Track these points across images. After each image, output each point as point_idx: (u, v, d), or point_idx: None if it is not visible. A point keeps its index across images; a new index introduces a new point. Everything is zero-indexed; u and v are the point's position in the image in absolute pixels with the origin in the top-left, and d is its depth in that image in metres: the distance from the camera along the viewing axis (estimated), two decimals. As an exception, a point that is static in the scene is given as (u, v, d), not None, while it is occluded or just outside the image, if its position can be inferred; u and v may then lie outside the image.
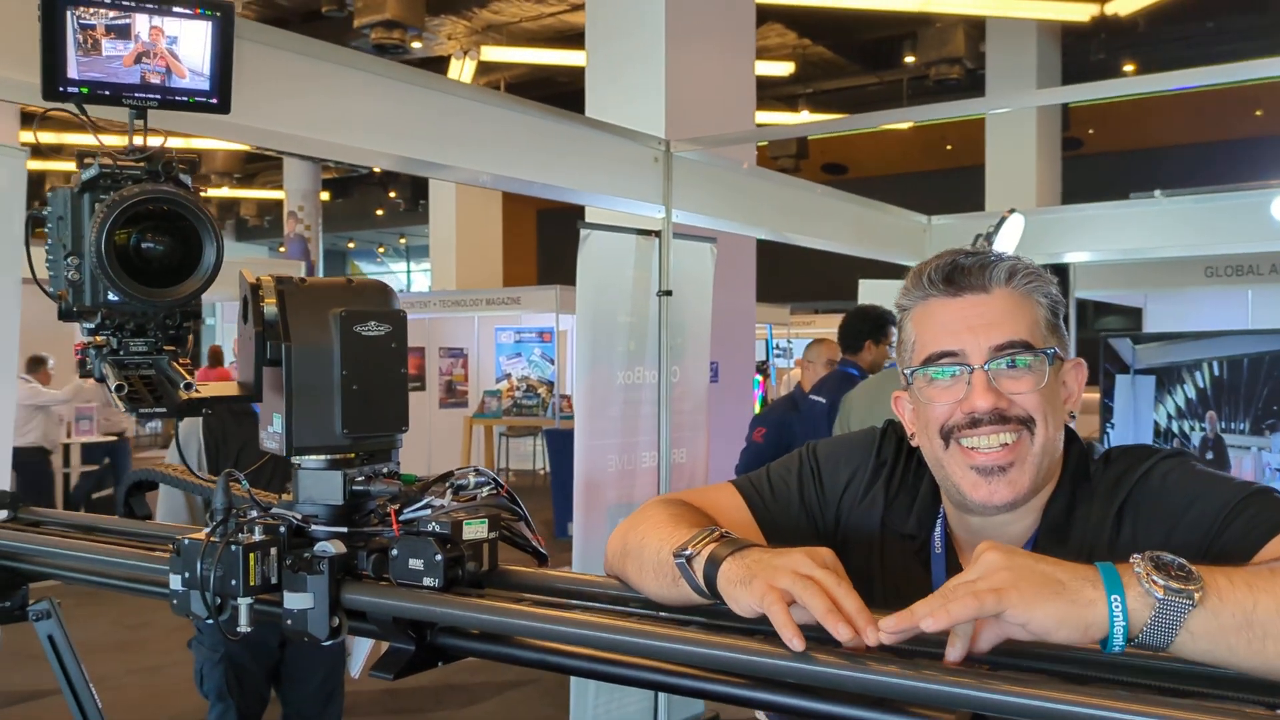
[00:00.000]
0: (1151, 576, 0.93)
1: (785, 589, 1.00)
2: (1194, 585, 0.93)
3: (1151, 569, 0.94)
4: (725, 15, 6.52)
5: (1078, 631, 0.92)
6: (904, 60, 15.08)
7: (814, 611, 0.97)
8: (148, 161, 1.28)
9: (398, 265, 32.25)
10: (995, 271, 1.31)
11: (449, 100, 3.78)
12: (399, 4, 11.53)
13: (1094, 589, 0.93)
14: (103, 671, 5.82)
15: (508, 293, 13.35)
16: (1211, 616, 0.92)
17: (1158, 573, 0.93)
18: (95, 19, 1.23)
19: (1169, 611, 0.92)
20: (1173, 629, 0.92)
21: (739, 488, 1.46)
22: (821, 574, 1.01)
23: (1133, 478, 1.29)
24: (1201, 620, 0.92)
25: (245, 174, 21.03)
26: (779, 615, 0.98)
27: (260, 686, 3.64)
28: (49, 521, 1.91)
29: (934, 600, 0.94)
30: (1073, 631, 0.92)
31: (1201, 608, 0.92)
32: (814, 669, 0.96)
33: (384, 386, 1.34)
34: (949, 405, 1.30)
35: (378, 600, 1.26)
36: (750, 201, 5.42)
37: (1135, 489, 1.28)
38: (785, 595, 0.99)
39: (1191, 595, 0.92)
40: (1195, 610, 0.92)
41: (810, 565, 1.02)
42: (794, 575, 1.01)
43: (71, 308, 1.31)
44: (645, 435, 4.61)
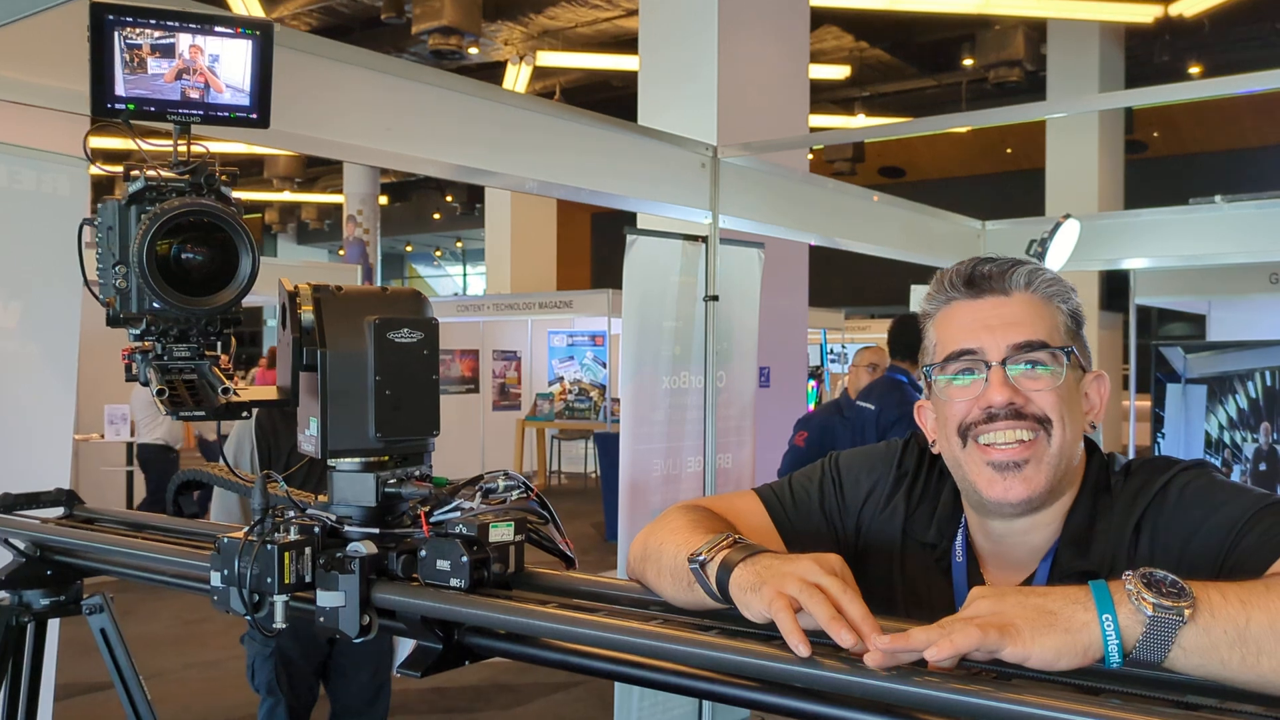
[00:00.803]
0: (1141, 594, 0.94)
1: (793, 595, 1.01)
2: (1184, 602, 0.94)
3: (1142, 587, 0.95)
4: (780, 19, 6.51)
5: (1077, 658, 0.94)
6: (962, 63, 14.93)
7: (818, 619, 0.99)
8: (191, 174, 1.33)
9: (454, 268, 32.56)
10: (1015, 276, 1.33)
11: (499, 108, 3.83)
12: (456, 11, 11.66)
13: (1085, 611, 0.95)
14: (161, 665, 5.96)
15: (561, 296, 13.42)
16: (1203, 633, 0.93)
17: (1148, 590, 0.94)
18: (141, 39, 1.28)
19: (1160, 628, 0.93)
20: (1165, 645, 0.93)
21: (761, 495, 1.48)
22: (828, 581, 1.03)
23: (1152, 490, 1.29)
24: (1193, 636, 0.93)
25: (306, 178, 21.39)
26: (786, 622, 1.00)
27: (309, 681, 3.72)
28: (102, 519, 1.98)
29: (934, 630, 0.95)
30: (1072, 659, 0.94)
31: (1192, 624, 0.93)
32: (822, 674, 0.98)
33: (416, 392, 1.38)
34: (967, 403, 1.32)
35: (406, 600, 1.30)
36: (799, 207, 5.41)
37: (1154, 501, 1.28)
38: (793, 602, 1.01)
39: (1181, 612, 0.93)
40: (1186, 626, 0.93)
41: (818, 572, 1.04)
42: (801, 582, 1.03)
43: (119, 314, 1.36)
44: (690, 440, 4.63)
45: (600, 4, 12.60)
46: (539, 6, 12.78)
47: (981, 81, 14.87)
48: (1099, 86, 13.99)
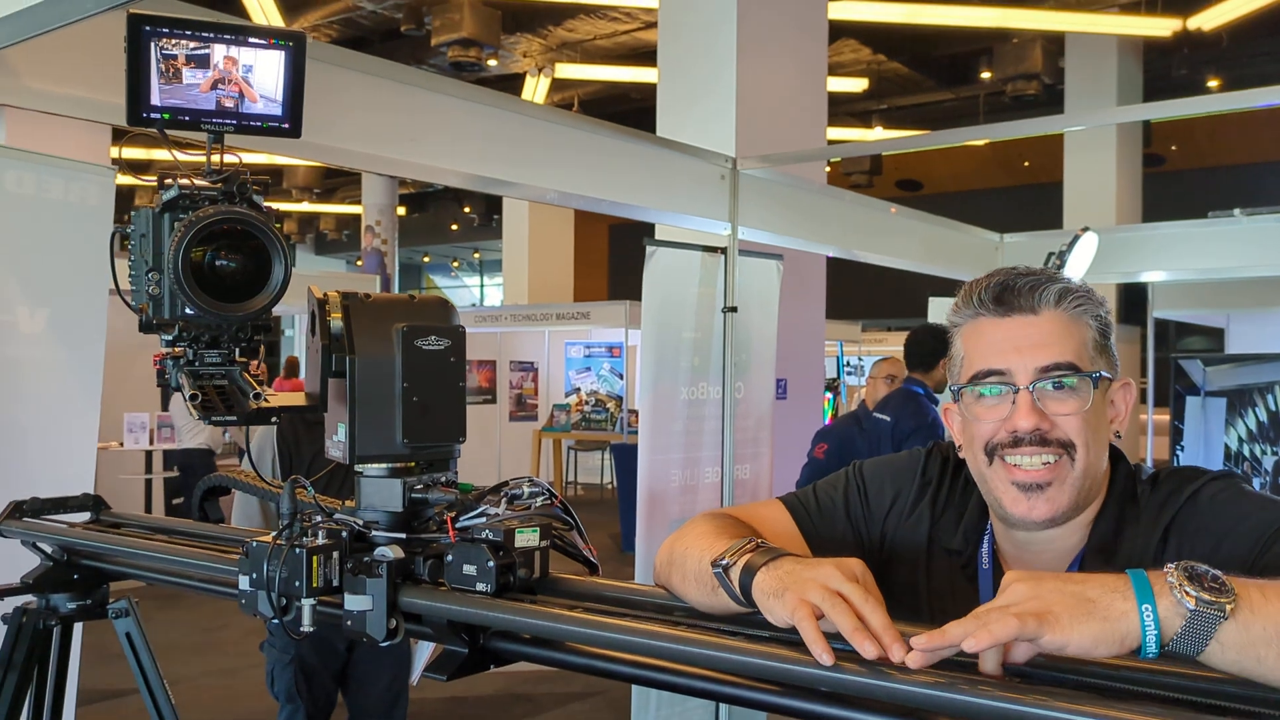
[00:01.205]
0: (1184, 587, 0.94)
1: (815, 603, 1.02)
2: (1226, 598, 0.94)
3: (1184, 579, 0.95)
4: (798, 32, 6.54)
5: (1114, 646, 0.94)
6: (980, 76, 14.92)
7: (841, 629, 1.00)
8: (224, 183, 1.35)
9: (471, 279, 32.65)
10: (1045, 293, 1.33)
11: (518, 119, 3.86)
12: (476, 23, 11.74)
13: (1124, 600, 0.95)
14: (180, 672, 5.99)
15: (578, 307, 13.45)
16: (1242, 629, 0.93)
17: (1190, 583, 0.94)
18: (177, 49, 1.31)
19: (1200, 622, 0.93)
20: (1204, 639, 0.93)
21: (786, 503, 1.49)
22: (850, 588, 1.03)
23: (1180, 499, 1.29)
24: (1232, 632, 0.93)
25: (325, 189, 21.51)
26: (809, 631, 1.01)
27: (328, 688, 3.73)
28: (128, 524, 2.00)
29: (970, 622, 0.95)
30: (1110, 647, 0.94)
31: (1232, 620, 0.93)
32: (845, 678, 0.99)
33: (443, 398, 1.40)
34: (994, 423, 1.32)
35: (433, 604, 1.32)
36: (817, 219, 5.43)
37: (1182, 510, 1.29)
38: (815, 609, 1.02)
39: (1223, 607, 0.93)
40: (1226, 622, 0.93)
41: (839, 578, 1.04)
42: (824, 589, 1.03)
43: (151, 320, 1.39)
44: (708, 450, 4.63)
45: (619, 17, 12.65)
46: (558, 19, 12.84)
47: (999, 94, 14.86)
48: (1117, 100, 13.95)
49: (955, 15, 11.84)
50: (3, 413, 2.73)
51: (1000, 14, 11.91)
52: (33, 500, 1.99)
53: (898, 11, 11.57)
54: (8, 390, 2.74)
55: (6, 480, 2.63)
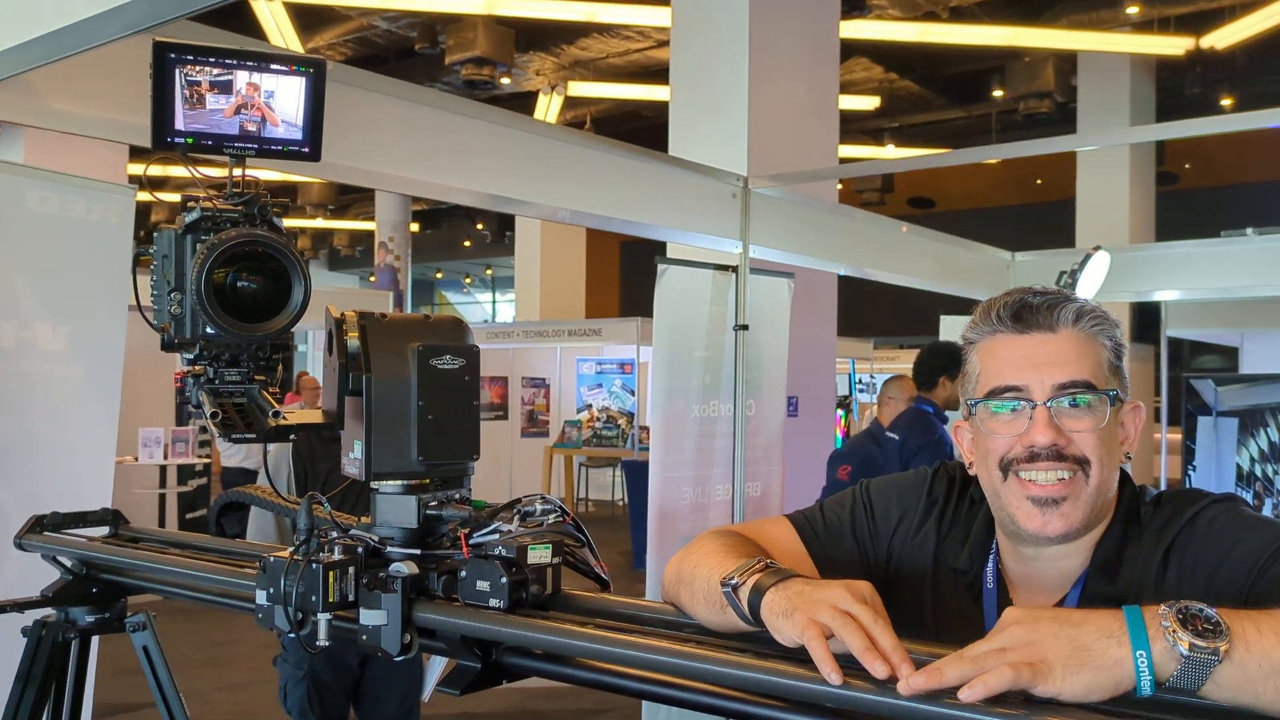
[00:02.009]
0: (1178, 632, 0.94)
1: (825, 623, 1.04)
2: (1220, 641, 0.94)
3: (1177, 625, 0.95)
4: (810, 51, 6.57)
5: (1108, 692, 0.95)
6: (992, 94, 14.93)
7: (852, 648, 1.01)
8: (245, 205, 1.38)
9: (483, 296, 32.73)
10: (1063, 312, 1.35)
11: (531, 138, 3.90)
12: (489, 41, 11.82)
13: (1119, 647, 0.95)
14: (191, 687, 6.01)
15: (589, 324, 13.48)
16: (1238, 669, 0.94)
17: (1183, 629, 0.95)
18: (201, 75, 1.34)
19: (1195, 666, 0.94)
20: (1199, 681, 0.94)
21: (793, 521, 1.51)
22: (859, 610, 1.05)
23: (1180, 521, 1.31)
24: (1228, 672, 0.94)
25: (339, 205, 21.62)
26: (818, 650, 1.02)
27: (340, 704, 3.75)
28: (146, 538, 2.03)
29: (966, 665, 0.97)
30: (1103, 694, 0.95)
31: (1227, 661, 0.94)
32: (852, 695, 1.01)
33: (457, 416, 1.42)
34: (1009, 438, 1.34)
35: (447, 619, 1.34)
36: (829, 237, 5.45)
37: (1182, 532, 1.30)
38: (824, 629, 1.04)
39: (1217, 650, 0.94)
40: (1221, 664, 0.93)
41: (849, 600, 1.06)
42: (833, 610, 1.05)
43: (173, 339, 1.41)
44: (720, 468, 4.65)
45: (631, 35, 12.72)
46: (571, 37, 12.91)
47: (1011, 113, 14.87)
48: (1130, 118, 13.95)
49: (967, 34, 11.87)
50: (24, 428, 2.76)
51: (1012, 33, 11.94)
52: (53, 514, 2.02)
53: (909, 30, 11.61)
54: (29, 406, 2.77)
55: (27, 494, 2.67)
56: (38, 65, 2.16)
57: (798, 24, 6.42)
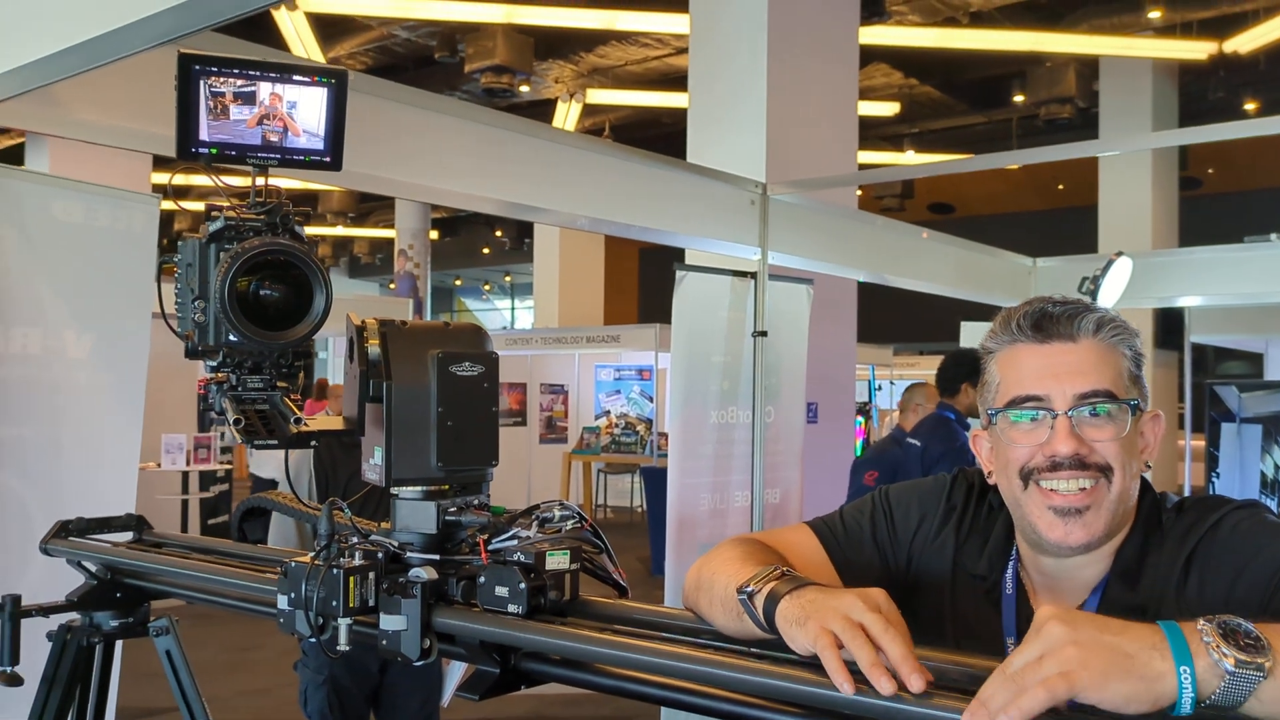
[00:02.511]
0: (1220, 647, 0.92)
1: (836, 632, 1.04)
2: (1264, 656, 0.92)
3: (1220, 639, 0.93)
4: (829, 57, 6.57)
5: (1147, 705, 0.93)
6: (1013, 99, 14.88)
7: (859, 663, 1.01)
8: (267, 214, 1.40)
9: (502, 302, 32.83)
10: (1083, 322, 1.35)
11: (549, 146, 3.91)
12: (508, 50, 11.87)
13: (1162, 660, 0.93)
14: (213, 692, 6.02)
15: (608, 330, 13.50)
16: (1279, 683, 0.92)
17: (1226, 643, 0.93)
18: (225, 87, 1.36)
19: (1239, 682, 0.91)
20: (1241, 698, 0.92)
21: (814, 528, 1.51)
22: (870, 619, 1.04)
23: (1202, 528, 1.31)
24: (1271, 689, 0.92)
25: (359, 213, 21.74)
26: (830, 660, 1.02)
27: (361, 709, 3.76)
28: (170, 543, 2.05)
29: (1005, 686, 0.94)
30: (1142, 705, 0.93)
31: (1272, 677, 0.92)
32: (869, 702, 1.01)
33: (476, 423, 1.44)
34: (1030, 448, 1.34)
35: (465, 624, 1.35)
36: (848, 243, 5.44)
37: (1204, 539, 1.30)
38: (837, 639, 1.03)
39: (1262, 666, 0.92)
40: (1266, 680, 0.91)
41: (861, 609, 1.05)
42: (844, 620, 1.04)
43: (197, 347, 1.43)
44: (738, 475, 4.65)
45: (650, 43, 12.75)
46: (590, 45, 12.96)
47: (1032, 118, 14.81)
48: (1152, 123, 13.87)
49: (987, 39, 11.84)
50: (50, 434, 2.79)
51: (1033, 38, 11.89)
52: (78, 520, 2.04)
53: (929, 36, 11.59)
54: (55, 412, 2.81)
55: (52, 499, 2.70)
56: (64, 77, 2.19)
57: (816, 30, 6.42)
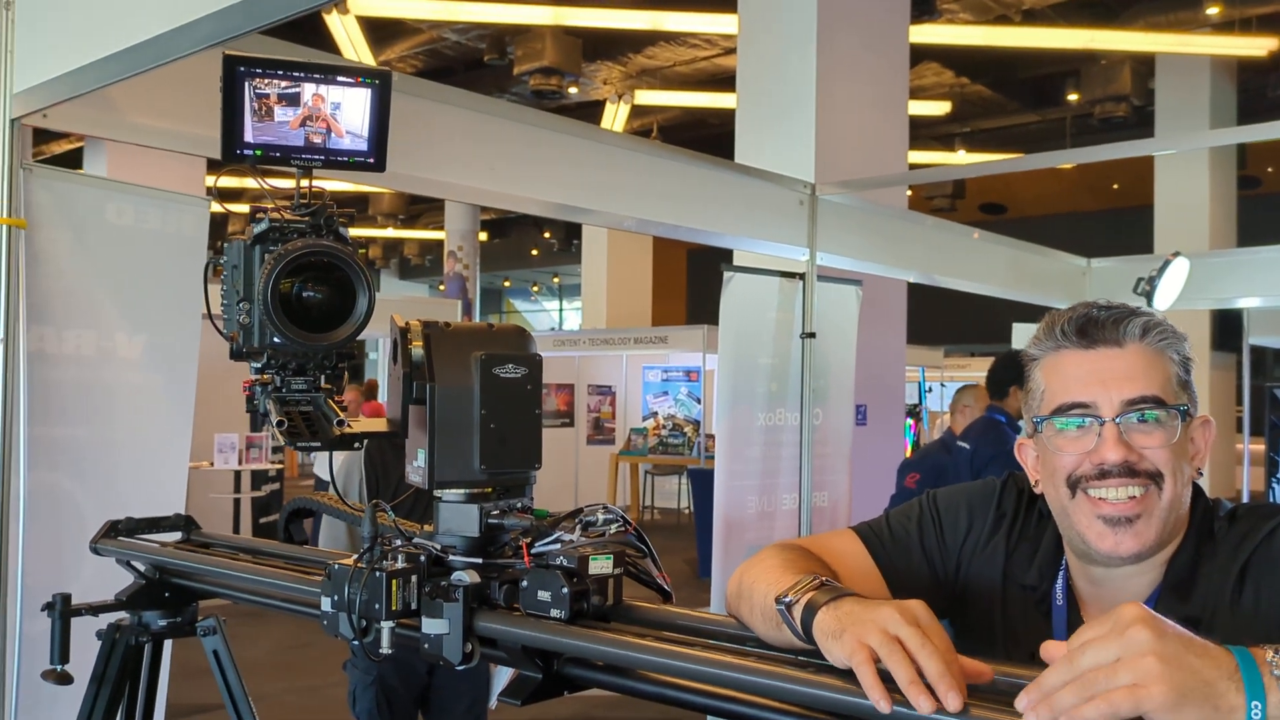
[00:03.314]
0: None
1: (873, 647, 1.01)
2: None
3: None
4: (879, 57, 6.51)
5: None
6: (1067, 98, 14.66)
7: (897, 680, 0.98)
8: (312, 216, 1.40)
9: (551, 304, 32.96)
10: (1130, 326, 1.31)
11: (597, 147, 3.91)
12: (557, 52, 11.90)
13: (1237, 694, 0.89)
14: (263, 689, 6.11)
15: (656, 332, 13.50)
16: None
17: None
18: (270, 88, 1.36)
19: None
20: None
21: (859, 533, 1.48)
22: (908, 633, 1.00)
23: (1256, 538, 1.26)
24: None
25: (409, 215, 21.92)
26: (866, 677, 0.99)
27: (409, 710, 3.78)
28: (217, 544, 2.06)
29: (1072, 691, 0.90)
30: None
31: None
32: (910, 713, 0.98)
33: (520, 425, 1.42)
34: (1077, 455, 1.30)
35: (508, 629, 1.33)
36: (898, 244, 5.38)
37: (1258, 550, 1.25)
38: (874, 653, 1.00)
39: None
40: None
41: (899, 622, 1.02)
42: (882, 634, 1.01)
43: (242, 348, 1.44)
44: (786, 477, 4.61)
45: (698, 43, 12.72)
46: (638, 46, 12.96)
47: (1087, 117, 14.59)
48: (1210, 121, 13.60)
49: (1041, 37, 11.67)
50: (102, 435, 2.83)
51: (1088, 35, 11.70)
52: (127, 520, 2.06)
53: (981, 34, 11.44)
54: (106, 413, 2.84)
55: (103, 499, 2.73)
56: (115, 80, 2.21)
57: (866, 29, 6.36)
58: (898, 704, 0.98)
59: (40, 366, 2.67)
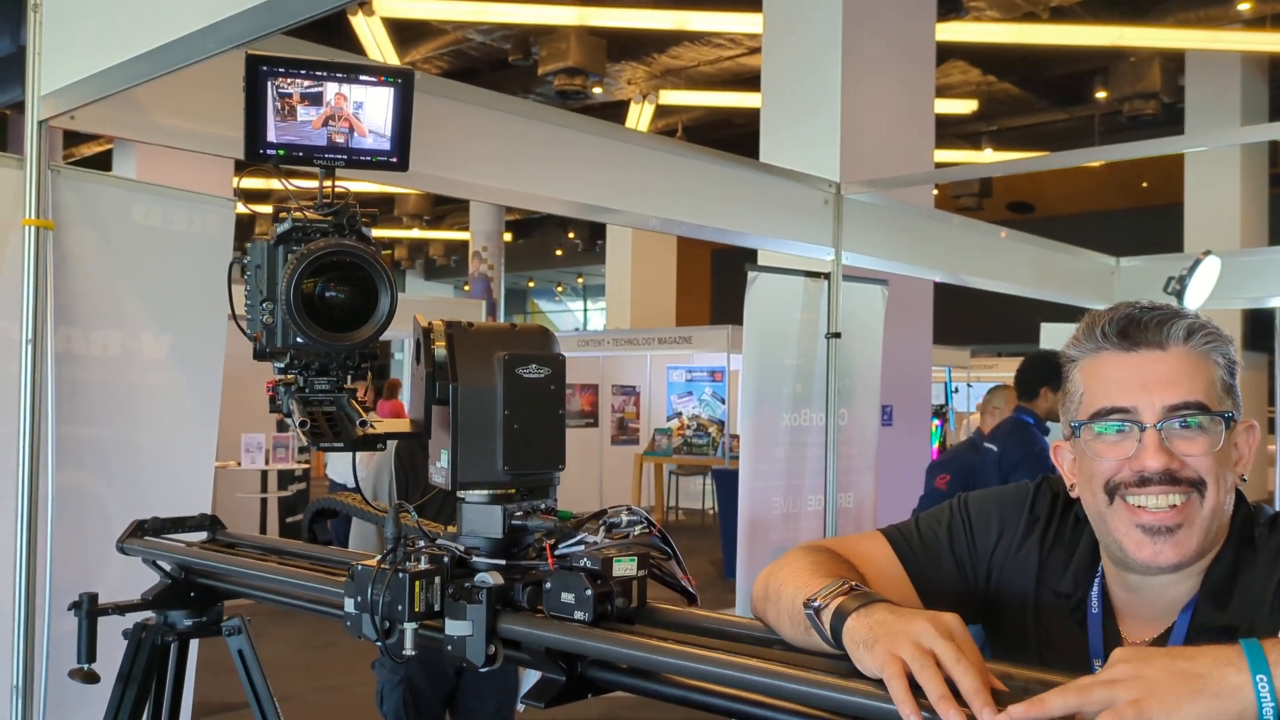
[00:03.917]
0: None
1: (905, 659, 0.99)
2: None
3: None
4: (904, 55, 6.47)
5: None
6: (1095, 96, 14.53)
7: (928, 695, 0.96)
8: (334, 216, 1.39)
9: (575, 304, 32.98)
10: (1173, 329, 1.27)
11: (621, 147, 3.90)
12: (581, 52, 11.91)
13: (1237, 673, 0.89)
14: (290, 688, 6.13)
15: (680, 332, 13.49)
16: None
17: None
18: (292, 88, 1.36)
19: None
20: None
21: (888, 536, 1.45)
22: (942, 646, 0.99)
23: None
24: None
25: (434, 216, 22.00)
26: (898, 690, 0.97)
27: (436, 711, 3.77)
28: (242, 544, 2.07)
29: (1071, 697, 0.92)
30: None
31: None
32: (943, 724, 0.96)
33: (543, 426, 1.41)
34: (1116, 462, 1.26)
35: (531, 631, 1.32)
36: (924, 243, 5.35)
37: None
38: (906, 666, 0.98)
39: None
40: None
41: (932, 635, 1.00)
42: (915, 647, 0.99)
43: (265, 348, 1.43)
44: (811, 478, 4.59)
45: (723, 43, 12.69)
46: (662, 46, 12.94)
47: (1115, 115, 14.44)
48: (1241, 118, 13.44)
49: (1068, 34, 11.57)
50: (127, 435, 2.85)
51: (1116, 32, 11.59)
52: (154, 519, 2.07)
53: (1008, 31, 11.35)
54: (133, 413, 2.86)
55: (129, 499, 2.75)
56: (141, 81, 2.22)
57: (892, 27, 6.33)
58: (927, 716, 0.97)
59: (67, 367, 2.69)
